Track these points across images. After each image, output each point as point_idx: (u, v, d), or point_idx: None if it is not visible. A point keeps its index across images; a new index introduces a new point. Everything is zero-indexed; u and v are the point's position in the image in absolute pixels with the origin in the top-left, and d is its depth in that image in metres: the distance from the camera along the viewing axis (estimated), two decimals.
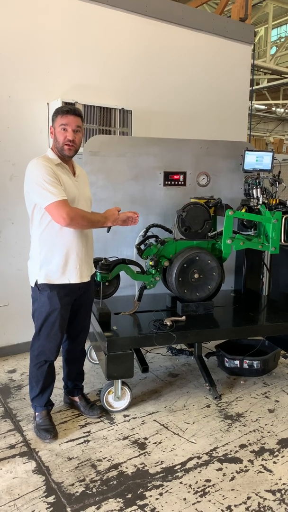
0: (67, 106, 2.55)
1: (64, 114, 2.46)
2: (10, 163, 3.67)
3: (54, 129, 2.51)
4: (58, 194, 2.37)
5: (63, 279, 2.55)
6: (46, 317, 2.59)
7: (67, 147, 2.49)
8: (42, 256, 2.54)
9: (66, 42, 3.85)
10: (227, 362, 3.47)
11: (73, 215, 2.39)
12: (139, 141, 3.79)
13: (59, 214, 2.36)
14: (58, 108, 2.55)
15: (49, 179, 2.37)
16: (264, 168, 3.71)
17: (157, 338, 2.90)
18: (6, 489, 2.24)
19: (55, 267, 2.53)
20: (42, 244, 2.53)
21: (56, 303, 2.56)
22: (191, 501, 2.17)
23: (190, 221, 3.29)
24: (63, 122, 2.46)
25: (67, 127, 2.46)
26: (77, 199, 2.53)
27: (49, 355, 2.66)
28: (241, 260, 4.00)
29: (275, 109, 17.42)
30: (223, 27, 4.84)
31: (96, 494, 2.21)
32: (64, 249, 2.52)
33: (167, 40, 4.47)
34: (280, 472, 2.40)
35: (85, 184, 2.71)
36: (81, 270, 2.60)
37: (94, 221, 2.57)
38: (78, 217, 2.43)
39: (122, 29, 4.16)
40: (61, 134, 2.47)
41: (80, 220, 2.45)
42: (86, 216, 2.52)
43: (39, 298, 2.59)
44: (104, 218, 2.61)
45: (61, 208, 2.36)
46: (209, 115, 4.87)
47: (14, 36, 3.59)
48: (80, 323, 2.83)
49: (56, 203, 2.36)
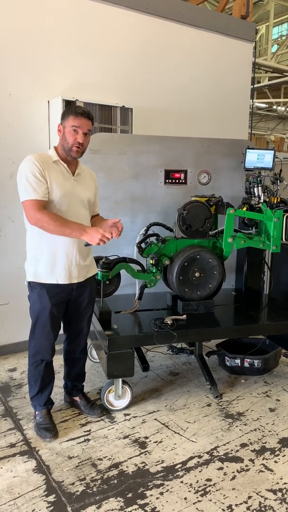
0: (81, 108, 2.53)
1: (77, 116, 2.45)
2: (10, 161, 3.66)
3: (64, 128, 2.49)
4: (33, 193, 2.36)
5: (51, 278, 2.52)
6: (38, 315, 2.58)
7: (76, 149, 2.48)
8: (32, 254, 2.54)
9: (66, 40, 3.83)
10: (228, 361, 3.46)
11: (40, 216, 2.33)
12: (140, 139, 3.77)
13: (28, 213, 2.38)
14: (72, 108, 2.52)
15: (31, 177, 2.37)
16: (265, 166, 3.71)
17: (158, 337, 2.89)
18: (6, 488, 2.23)
19: (43, 266, 2.51)
20: (32, 241, 2.53)
21: (45, 302, 2.54)
22: (191, 501, 2.16)
23: (191, 220, 3.28)
24: (75, 124, 2.45)
25: (79, 129, 2.46)
26: (69, 197, 2.48)
27: (45, 354, 2.65)
28: (242, 259, 3.99)
29: (276, 107, 17.39)
30: (224, 25, 4.82)
31: (97, 493, 2.20)
32: (52, 248, 2.49)
33: (168, 37, 4.45)
34: (281, 471, 2.39)
35: (86, 185, 2.64)
36: (70, 271, 2.54)
37: (67, 229, 2.37)
38: (44, 220, 2.33)
39: (122, 27, 4.14)
40: (71, 135, 2.46)
41: (46, 223, 2.34)
42: (58, 220, 2.36)
43: (31, 296, 2.59)
44: (81, 231, 2.38)
45: (31, 208, 2.36)
46: (210, 113, 4.86)
47: (14, 34, 3.57)
48: (78, 325, 2.80)
49: (29, 202, 2.36)
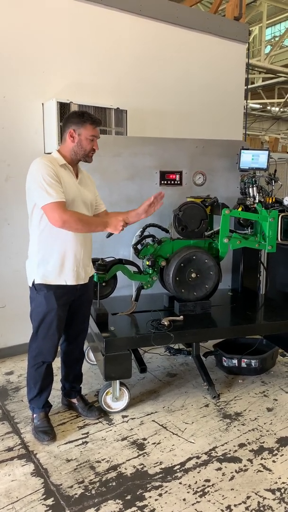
0: (97, 117, 2.62)
1: (96, 126, 2.57)
2: (6, 163, 3.65)
3: (80, 136, 2.52)
4: (56, 195, 2.37)
5: (59, 280, 2.55)
6: (43, 317, 2.58)
7: (91, 155, 2.60)
8: (39, 256, 2.54)
9: (60, 42, 3.83)
10: (225, 361, 3.46)
11: (67, 218, 2.38)
12: (135, 140, 3.78)
13: (53, 215, 2.37)
14: (89, 116, 2.56)
15: (49, 179, 2.38)
16: (260, 167, 3.72)
17: (155, 338, 2.89)
18: (4, 492, 2.22)
19: (52, 267, 2.53)
20: (40, 244, 2.53)
21: (53, 303, 2.55)
22: (190, 502, 2.16)
23: (186, 221, 3.28)
24: (95, 134, 2.57)
25: (96, 138, 2.57)
26: (76, 200, 2.53)
27: (47, 356, 2.65)
28: (238, 259, 4.00)
29: (270, 108, 17.43)
30: (217, 26, 4.84)
31: (95, 496, 2.20)
32: (62, 250, 2.52)
33: (161, 39, 4.46)
34: (279, 471, 2.39)
35: (88, 187, 2.69)
36: (78, 272, 2.59)
37: (92, 225, 2.54)
38: (72, 220, 2.40)
39: (116, 29, 4.14)
40: (89, 143, 2.55)
41: (74, 223, 2.42)
42: (83, 219, 2.48)
43: (36, 298, 2.59)
44: (104, 225, 2.56)
45: (55, 210, 2.36)
46: (205, 114, 4.87)
47: (8, 35, 3.57)
48: (79, 325, 2.82)
49: (52, 204, 2.37)
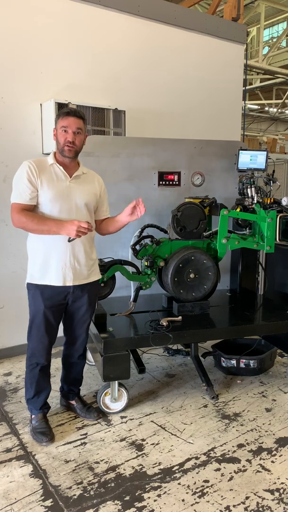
0: (68, 108, 2.58)
1: (64, 116, 2.50)
2: (4, 164, 3.65)
3: (56, 131, 2.54)
4: (17, 196, 2.46)
5: (44, 280, 2.54)
6: (33, 317, 2.62)
7: (67, 148, 2.51)
8: (29, 257, 2.60)
9: (58, 43, 3.83)
10: (223, 362, 3.46)
11: (19, 217, 2.42)
12: (133, 141, 3.77)
13: (11, 215, 2.48)
14: (60, 111, 2.58)
15: (20, 181, 2.45)
16: (258, 167, 3.72)
17: (154, 338, 2.89)
18: (2, 493, 2.21)
19: (38, 267, 2.55)
20: (29, 244, 2.61)
21: (39, 304, 2.56)
22: (189, 502, 2.16)
23: (185, 221, 3.28)
24: (64, 124, 2.50)
25: (68, 129, 2.50)
26: (59, 200, 2.48)
27: (39, 358, 2.65)
28: (236, 260, 4.00)
29: (268, 109, 17.48)
30: (215, 27, 4.84)
31: (94, 497, 2.19)
32: (45, 250, 2.52)
33: (160, 40, 4.47)
34: (278, 471, 2.39)
35: (86, 188, 2.62)
36: (64, 273, 2.52)
37: (45, 226, 2.42)
38: (23, 221, 2.41)
39: (114, 29, 4.14)
40: (61, 135, 2.51)
41: (26, 224, 2.42)
42: (35, 219, 2.41)
43: (28, 297, 2.63)
44: (57, 227, 2.41)
45: (13, 210, 2.47)
46: (203, 115, 4.87)
47: (5, 36, 3.57)
48: (76, 330, 2.77)
49: (12, 204, 2.48)
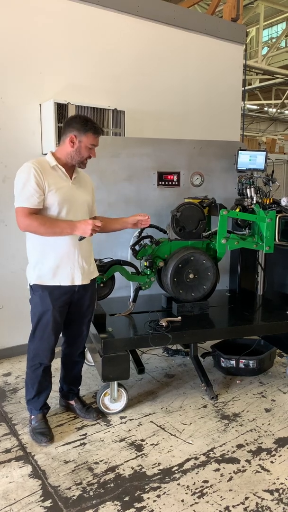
0: (100, 127, 2.58)
1: (97, 135, 2.54)
2: (3, 164, 3.65)
3: (81, 143, 2.50)
4: (25, 200, 2.40)
5: (54, 281, 2.54)
6: (39, 318, 2.59)
7: (86, 162, 2.59)
8: (35, 258, 2.56)
9: (58, 43, 3.83)
10: (223, 362, 3.46)
11: (28, 222, 2.38)
12: (133, 141, 3.78)
13: (17, 220, 2.43)
14: (93, 125, 2.52)
15: (28, 184, 2.40)
16: (258, 168, 3.72)
17: (153, 339, 2.89)
18: (2, 494, 2.21)
19: (46, 269, 2.53)
20: (35, 245, 2.55)
21: (48, 304, 2.55)
22: (189, 503, 2.16)
23: (184, 221, 3.28)
24: (95, 143, 2.54)
25: (95, 147, 2.56)
26: (68, 202, 2.50)
27: (43, 358, 2.65)
28: (235, 260, 4.00)
29: (267, 109, 17.50)
30: (215, 27, 4.85)
31: (93, 498, 2.19)
32: (55, 251, 2.52)
33: (159, 40, 4.47)
34: (277, 471, 2.39)
35: (84, 189, 2.67)
36: (73, 273, 2.56)
37: (57, 228, 2.43)
38: (33, 225, 2.39)
39: (114, 30, 4.14)
40: (86, 151, 2.53)
41: (37, 228, 2.40)
42: (46, 223, 2.41)
43: (33, 299, 2.60)
44: (71, 228, 2.44)
45: (18, 215, 2.41)
46: (202, 115, 4.87)
47: (5, 37, 3.56)
48: (77, 328, 2.79)
49: (17, 209, 2.42)
